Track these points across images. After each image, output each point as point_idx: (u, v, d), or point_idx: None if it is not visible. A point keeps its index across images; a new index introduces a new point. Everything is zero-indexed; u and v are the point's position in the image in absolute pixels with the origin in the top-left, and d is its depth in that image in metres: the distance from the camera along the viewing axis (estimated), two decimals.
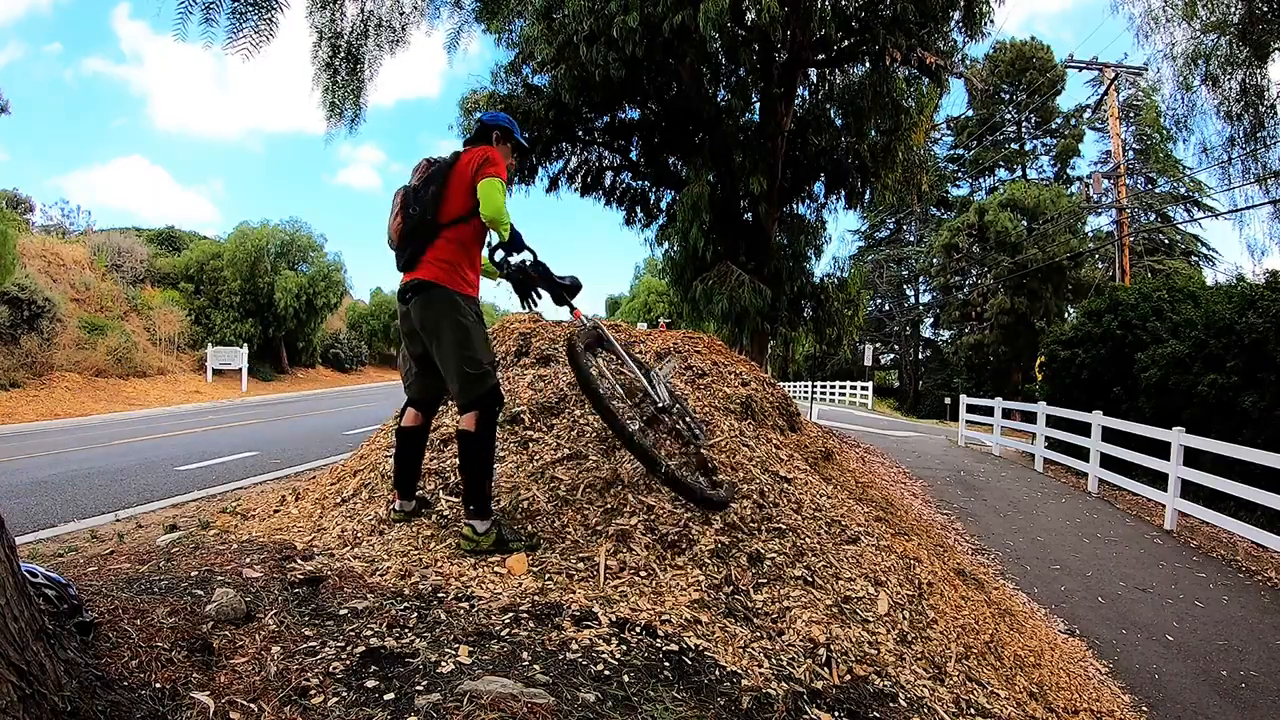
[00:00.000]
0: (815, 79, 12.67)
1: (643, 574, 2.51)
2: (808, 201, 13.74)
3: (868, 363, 27.82)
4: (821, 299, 13.30)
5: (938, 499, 8.61)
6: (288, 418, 14.92)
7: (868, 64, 11.04)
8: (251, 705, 1.42)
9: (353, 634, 1.79)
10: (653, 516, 2.90)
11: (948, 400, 24.36)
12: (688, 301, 12.16)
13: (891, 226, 39.64)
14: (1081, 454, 9.75)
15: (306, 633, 1.77)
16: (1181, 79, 7.79)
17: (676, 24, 8.83)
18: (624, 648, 1.91)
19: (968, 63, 11.75)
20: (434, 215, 2.64)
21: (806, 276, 13.23)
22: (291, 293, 25.90)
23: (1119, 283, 16.32)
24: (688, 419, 3.58)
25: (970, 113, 33.11)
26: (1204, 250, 26.57)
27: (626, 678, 1.75)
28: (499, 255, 2.71)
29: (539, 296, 2.82)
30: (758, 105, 12.26)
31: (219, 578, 2.11)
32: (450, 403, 3.39)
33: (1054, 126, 33.32)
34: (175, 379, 21.88)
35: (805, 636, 2.33)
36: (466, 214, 2.65)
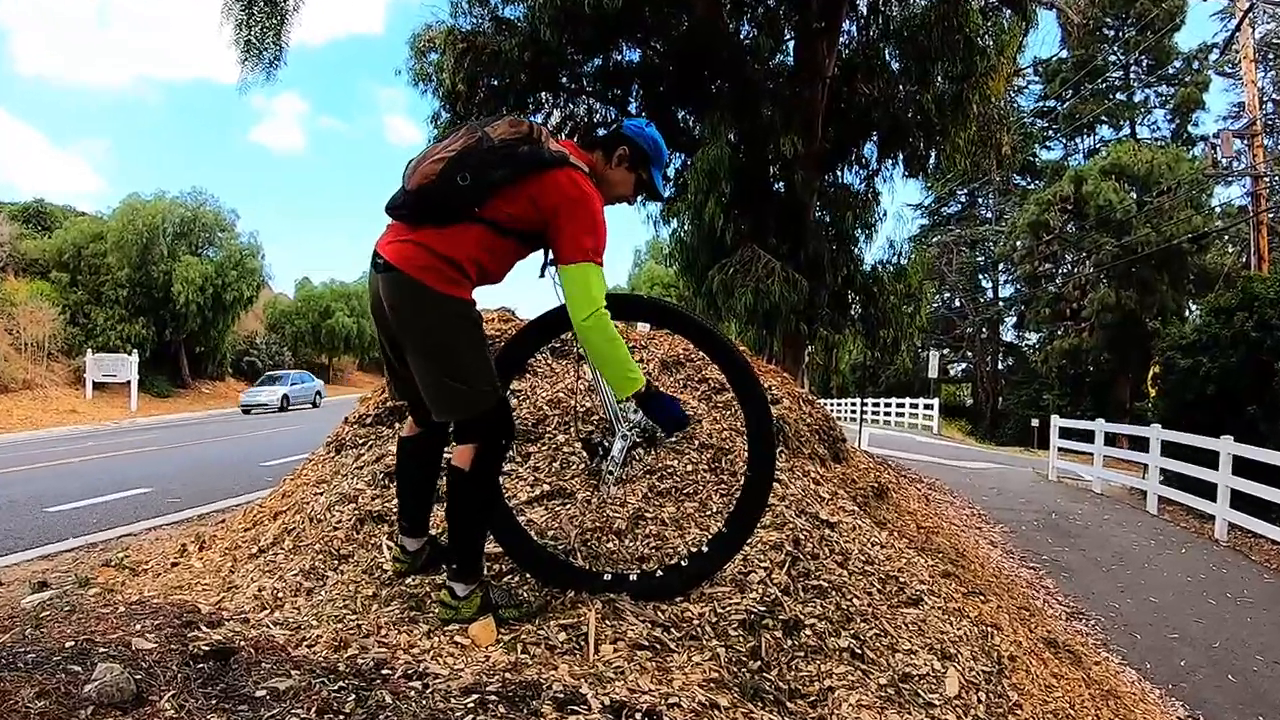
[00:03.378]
0: (866, 10, 12.73)
1: (644, 644, 2.52)
2: (856, 168, 13.78)
3: (933, 374, 27.84)
4: (873, 292, 13.31)
5: (1023, 548, 8.62)
6: (190, 444, 14.92)
7: None
8: None
9: None
10: None
11: (1035, 422, 24.37)
12: (702, 296, 12.16)
13: (963, 200, 39.82)
14: (1207, 491, 9.73)
15: None
16: None
17: None
18: None
19: None
20: (477, 202, 2.44)
21: (854, 264, 13.26)
22: (194, 284, 26.02)
23: (1254, 271, 16.36)
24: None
25: (1064, 54, 33.13)
26: None
27: None
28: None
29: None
30: (792, 44, 12.32)
31: (101, 650, 2.12)
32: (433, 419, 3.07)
33: (1171, 72, 33.48)
34: (45, 394, 21.94)
35: None
36: (506, 225, 2.49)
